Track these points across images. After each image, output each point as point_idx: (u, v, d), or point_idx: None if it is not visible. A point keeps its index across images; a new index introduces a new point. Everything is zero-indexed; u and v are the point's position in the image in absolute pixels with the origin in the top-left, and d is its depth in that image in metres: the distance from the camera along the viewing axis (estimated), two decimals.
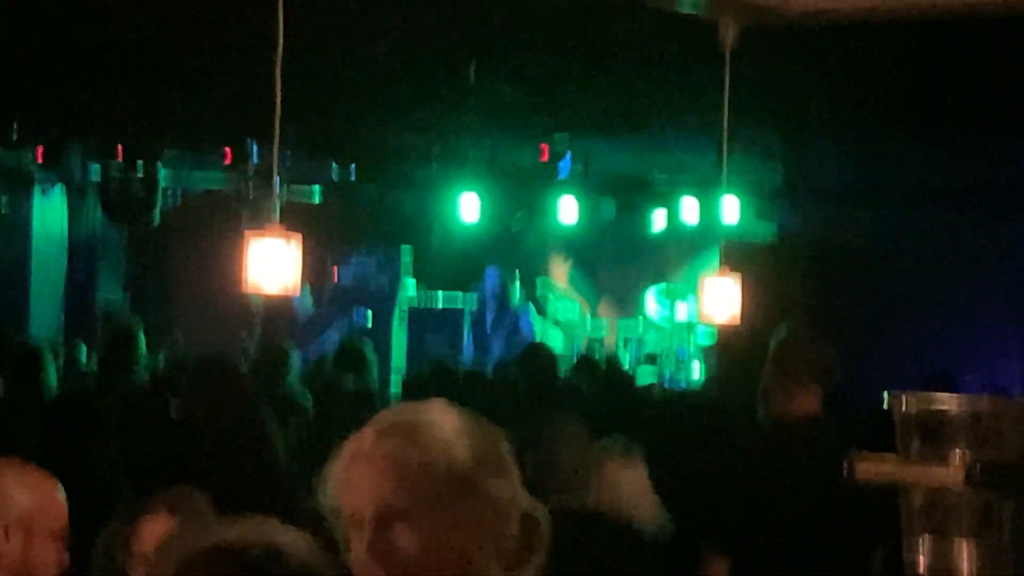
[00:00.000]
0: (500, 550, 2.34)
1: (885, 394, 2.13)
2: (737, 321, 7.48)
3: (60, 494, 3.49)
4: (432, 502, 2.31)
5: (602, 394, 9.52)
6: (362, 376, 9.82)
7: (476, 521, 2.32)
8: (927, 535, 2.06)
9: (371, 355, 10.34)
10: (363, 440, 2.40)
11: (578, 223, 16.37)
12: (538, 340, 10.79)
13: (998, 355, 12.39)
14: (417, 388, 9.58)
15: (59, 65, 10.66)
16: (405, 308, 16.45)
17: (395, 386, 13.83)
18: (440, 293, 16.66)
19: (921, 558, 2.06)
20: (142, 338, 9.73)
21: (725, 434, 6.53)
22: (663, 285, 16.20)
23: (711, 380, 10.14)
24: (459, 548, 2.30)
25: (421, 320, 16.11)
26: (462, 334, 15.80)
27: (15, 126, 13.73)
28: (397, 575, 2.29)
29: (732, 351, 10.91)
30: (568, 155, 14.06)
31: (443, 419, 2.40)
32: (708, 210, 14.94)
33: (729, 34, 6.96)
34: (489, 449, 2.39)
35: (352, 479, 2.37)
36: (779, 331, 6.01)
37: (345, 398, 8.94)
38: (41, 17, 9.10)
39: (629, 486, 5.37)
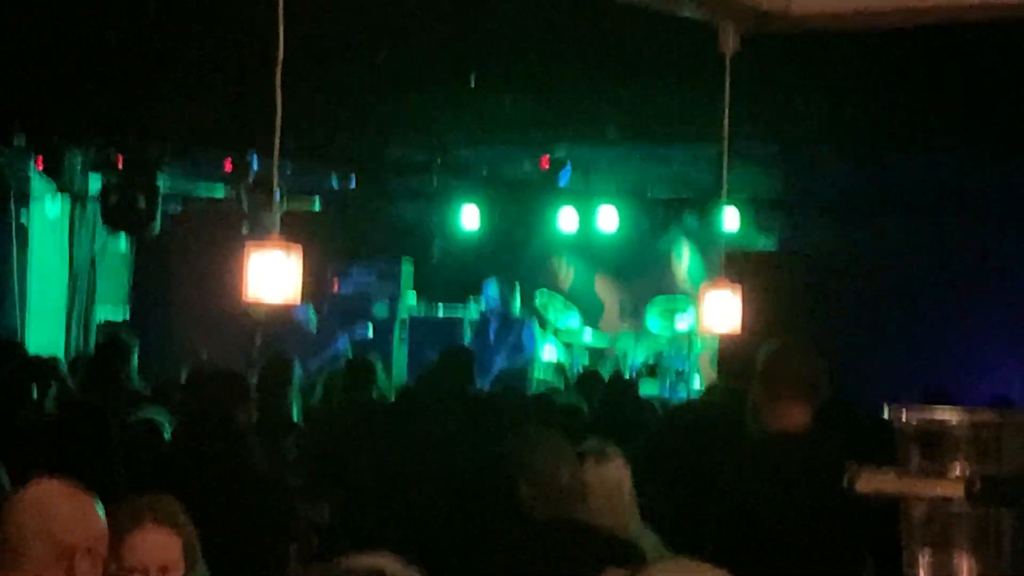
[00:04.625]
0: None
1: (885, 407, 2.12)
2: (738, 332, 7.46)
3: (103, 518, 3.54)
4: None
5: (605, 405, 9.52)
6: (371, 390, 9.83)
7: None
8: (927, 548, 2.04)
9: (380, 369, 10.35)
10: None
11: (578, 234, 16.36)
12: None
13: (998, 365, 12.36)
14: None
15: (59, 75, 10.66)
16: (406, 320, 16.42)
17: None
18: (441, 305, 16.64)
19: (922, 572, 2.04)
20: (135, 353, 9.75)
21: (719, 447, 6.51)
22: (663, 296, 16.18)
23: (710, 391, 10.11)
24: None
25: (422, 333, 16.08)
26: None
27: (15, 135, 13.73)
28: None
29: (732, 362, 10.89)
30: (568, 165, 14.05)
31: None
32: (707, 220, 14.92)
33: (730, 39, 6.95)
34: None
35: None
36: (766, 346, 5.98)
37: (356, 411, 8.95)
38: (42, 27, 9.10)
39: (607, 489, 5.36)
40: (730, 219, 14.22)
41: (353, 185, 14.43)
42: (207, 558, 4.63)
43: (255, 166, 13.75)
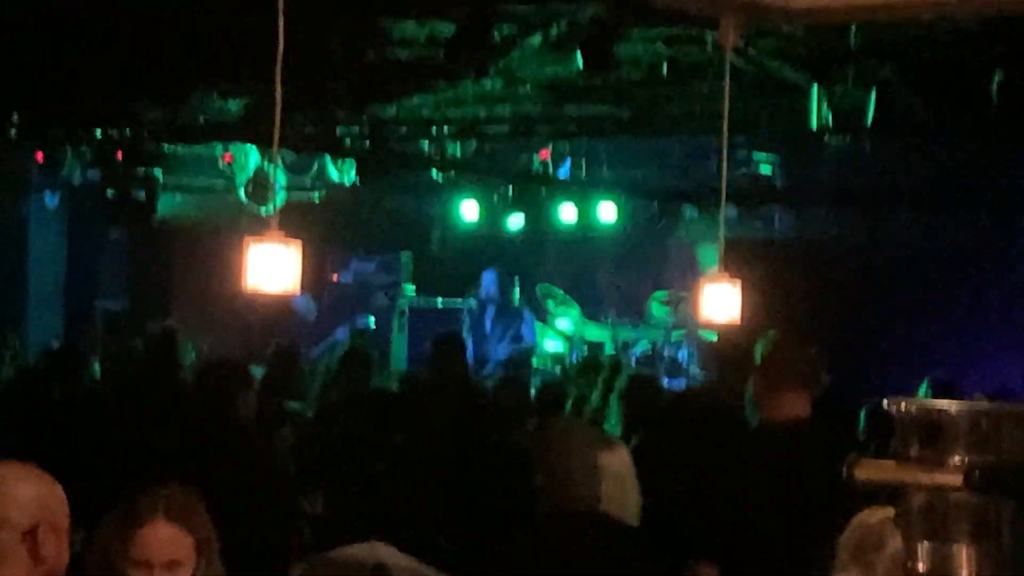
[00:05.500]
0: None
1: (884, 399, 2.13)
2: (736, 324, 7.46)
3: (62, 492, 3.56)
4: None
5: (604, 397, 9.51)
6: (367, 379, 9.84)
7: None
8: (926, 540, 2.05)
9: (375, 359, 10.35)
10: None
11: (577, 227, 16.37)
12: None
13: (997, 357, 12.38)
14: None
15: (59, 67, 10.66)
16: (405, 311, 16.44)
17: None
18: (439, 297, 16.66)
19: (920, 563, 2.06)
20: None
21: (719, 438, 6.53)
22: (662, 288, 16.19)
23: (708, 382, 10.14)
24: None
25: (421, 323, 16.10)
26: (461, 336, 15.78)
27: (15, 128, 13.73)
28: None
29: (729, 353, 10.91)
30: (568, 158, 14.06)
31: None
32: (706, 212, 14.92)
33: (730, 33, 6.95)
34: None
35: None
36: (765, 337, 6.01)
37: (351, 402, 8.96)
38: (41, 19, 9.10)
39: (616, 479, 5.36)
40: (728, 210, 14.20)
41: (353, 177, 14.43)
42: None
43: (255, 158, 13.76)
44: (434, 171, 15.13)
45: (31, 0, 8.71)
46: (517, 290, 16.08)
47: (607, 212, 15.90)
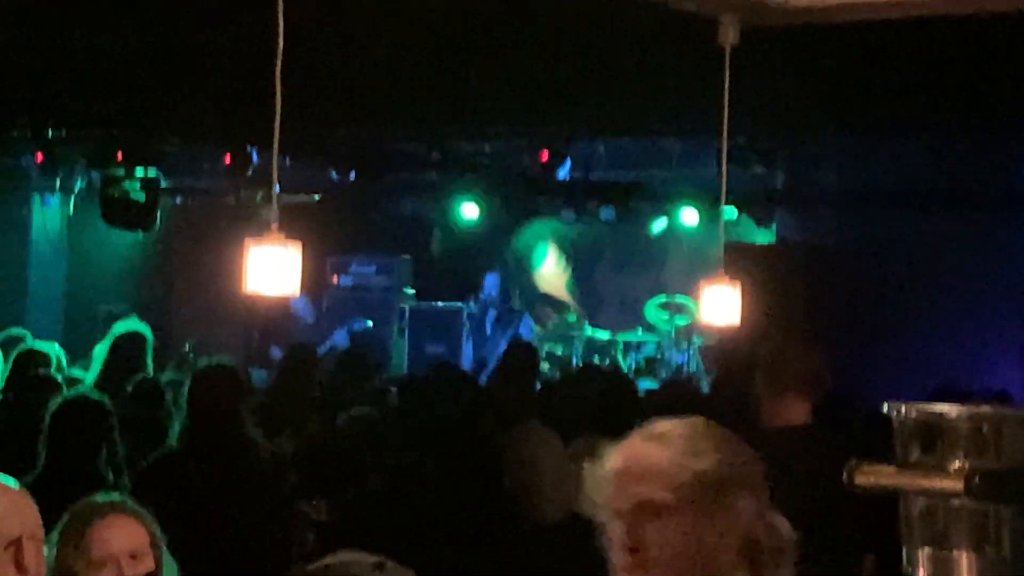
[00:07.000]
0: (744, 558, 2.63)
1: (885, 403, 2.12)
2: (736, 327, 7.45)
3: (35, 504, 3.54)
4: (685, 505, 2.61)
5: (603, 400, 9.47)
6: (366, 381, 9.82)
7: (722, 527, 2.61)
8: (926, 546, 2.04)
9: (373, 362, 10.33)
10: (632, 445, 2.78)
11: (577, 229, 16.33)
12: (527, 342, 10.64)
13: (999, 360, 12.36)
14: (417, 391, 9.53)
15: (59, 69, 10.66)
16: (405, 314, 16.42)
17: None
18: (439, 299, 16.64)
19: (921, 569, 2.05)
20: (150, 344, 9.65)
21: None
22: (662, 291, 16.17)
23: (709, 386, 10.10)
24: (705, 548, 2.60)
25: (421, 324, 16.08)
26: (462, 339, 15.79)
27: (15, 130, 13.73)
28: (646, 562, 2.63)
29: (730, 357, 10.89)
30: (567, 160, 14.02)
31: (704, 433, 2.73)
32: (707, 215, 14.90)
33: (729, 32, 6.94)
34: (740, 466, 2.72)
35: (616, 478, 2.75)
36: (768, 341, 6.00)
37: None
38: (41, 21, 9.10)
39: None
40: (729, 212, 14.18)
41: (352, 179, 14.42)
42: (207, 554, 4.61)
43: (254, 160, 13.74)
44: (433, 173, 15.12)
45: (33, 2, 8.71)
46: (517, 291, 16.08)
47: (606, 213, 15.86)
